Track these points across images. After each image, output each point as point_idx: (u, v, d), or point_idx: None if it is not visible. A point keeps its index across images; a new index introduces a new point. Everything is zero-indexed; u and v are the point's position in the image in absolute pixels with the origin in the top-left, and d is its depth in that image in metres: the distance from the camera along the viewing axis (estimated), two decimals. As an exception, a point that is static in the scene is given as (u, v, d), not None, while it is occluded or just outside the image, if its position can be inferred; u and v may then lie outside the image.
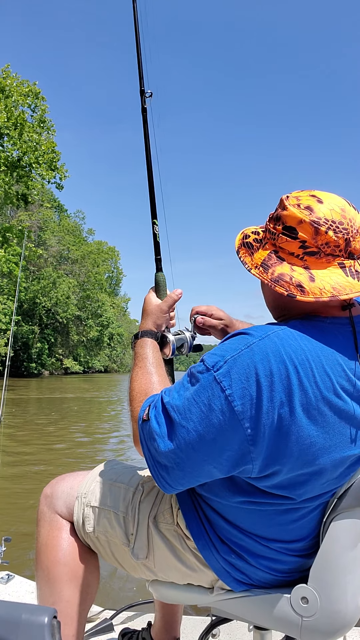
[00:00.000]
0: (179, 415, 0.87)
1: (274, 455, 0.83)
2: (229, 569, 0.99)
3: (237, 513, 0.96)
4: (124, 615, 1.95)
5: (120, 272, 70.62)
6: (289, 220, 0.92)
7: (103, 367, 65.92)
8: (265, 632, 1.13)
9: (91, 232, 64.56)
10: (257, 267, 0.95)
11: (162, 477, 0.91)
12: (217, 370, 0.84)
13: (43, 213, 47.72)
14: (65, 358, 56.26)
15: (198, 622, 1.85)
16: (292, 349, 0.84)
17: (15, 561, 2.70)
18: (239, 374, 0.83)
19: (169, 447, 0.88)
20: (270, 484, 0.88)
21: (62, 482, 1.24)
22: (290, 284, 0.90)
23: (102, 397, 22.46)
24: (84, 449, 8.46)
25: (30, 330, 48.70)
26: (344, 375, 0.86)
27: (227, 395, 0.82)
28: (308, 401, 0.82)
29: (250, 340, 0.86)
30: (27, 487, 5.57)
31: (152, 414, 0.92)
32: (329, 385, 0.84)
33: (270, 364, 0.82)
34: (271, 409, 0.81)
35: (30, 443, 8.84)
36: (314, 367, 0.83)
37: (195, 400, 0.86)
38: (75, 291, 53.77)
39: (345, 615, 0.94)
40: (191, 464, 0.87)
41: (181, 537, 1.06)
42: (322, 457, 0.85)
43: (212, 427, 0.83)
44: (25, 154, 18.58)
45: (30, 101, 18.82)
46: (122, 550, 1.14)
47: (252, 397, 0.82)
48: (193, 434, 0.85)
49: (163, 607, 1.44)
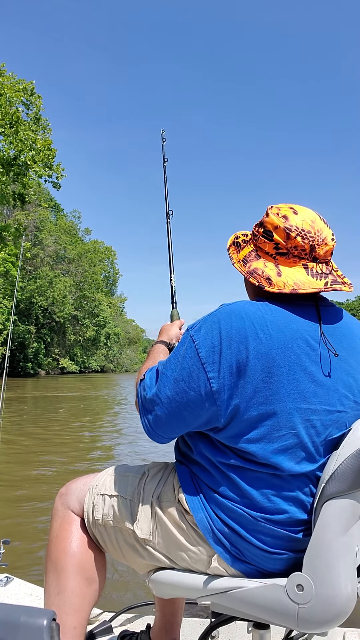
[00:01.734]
0: (163, 367, 1.10)
1: (232, 395, 1.00)
2: (223, 541, 1.06)
3: (225, 484, 1.06)
4: (123, 617, 1.95)
5: (116, 272, 70.74)
6: (268, 225, 1.13)
7: (99, 367, 65.90)
8: (264, 632, 1.14)
9: (88, 231, 64.68)
10: (239, 262, 1.17)
11: (147, 420, 1.11)
12: (192, 328, 1.08)
13: (40, 212, 47.68)
14: (62, 358, 56.21)
15: (197, 623, 1.85)
16: (252, 312, 1.03)
17: (14, 563, 2.70)
18: (207, 329, 1.04)
19: (152, 392, 1.09)
20: (235, 431, 1.01)
21: (76, 481, 1.34)
22: (261, 277, 1.10)
23: (104, 396, 22.44)
24: (86, 452, 8.43)
25: (27, 329, 48.63)
26: (302, 337, 1.02)
27: (195, 344, 1.04)
28: (262, 349, 0.99)
29: (221, 307, 1.08)
30: (26, 490, 5.57)
31: (147, 374, 1.15)
32: (284, 339, 1.00)
33: (231, 320, 1.02)
34: (229, 354, 1.00)
35: (29, 446, 8.83)
36: (269, 325, 1.01)
37: (175, 353, 1.09)
38: (71, 291, 53.76)
39: (340, 600, 0.96)
40: (167, 405, 1.06)
41: (182, 513, 1.13)
42: (275, 402, 0.99)
43: (184, 371, 1.04)
44: (21, 153, 18.51)
45: (25, 98, 18.72)
46: (127, 535, 1.20)
47: (213, 345, 1.02)
48: (169, 378, 1.07)
49: (163, 608, 1.45)
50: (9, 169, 18.80)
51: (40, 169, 18.83)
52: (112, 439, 9.76)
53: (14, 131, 18.31)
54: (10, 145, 18.54)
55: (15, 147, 18.45)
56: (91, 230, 66.03)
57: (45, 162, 18.91)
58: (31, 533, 4.03)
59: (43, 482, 5.94)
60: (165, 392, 1.06)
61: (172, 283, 1.92)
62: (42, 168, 18.85)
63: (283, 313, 1.04)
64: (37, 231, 49.61)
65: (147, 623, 1.55)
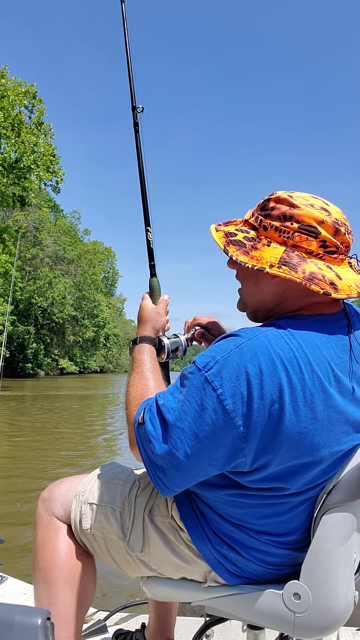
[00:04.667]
0: (173, 416, 0.89)
1: (265, 449, 0.86)
2: (221, 560, 1.01)
3: (227, 506, 0.98)
4: (118, 616, 1.95)
5: (116, 273, 70.68)
6: (306, 220, 0.94)
7: (99, 368, 65.87)
8: (259, 632, 1.14)
9: (87, 232, 64.57)
10: (278, 266, 0.93)
11: (159, 478, 0.93)
12: (208, 371, 0.87)
13: (39, 213, 47.68)
14: (61, 358, 56.17)
15: (192, 622, 1.85)
16: (280, 348, 0.86)
17: (8, 562, 2.70)
18: (229, 374, 0.85)
19: (165, 448, 0.90)
20: (260, 477, 0.90)
21: (59, 485, 1.26)
22: (324, 282, 0.91)
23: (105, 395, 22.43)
24: (80, 450, 8.43)
25: (26, 330, 48.61)
26: (331, 371, 0.89)
27: (218, 394, 0.85)
28: (297, 397, 0.84)
29: (239, 340, 0.88)
30: (20, 488, 5.55)
31: (147, 416, 0.94)
32: (316, 382, 0.86)
33: (259, 362, 0.84)
34: (262, 406, 0.83)
35: (24, 444, 8.80)
36: (302, 365, 0.86)
37: (188, 400, 0.88)
38: (71, 291, 53.72)
39: (337, 610, 0.95)
40: (186, 463, 0.89)
41: (175, 529, 1.08)
42: (311, 452, 0.87)
43: (206, 425, 0.86)
44: (23, 156, 18.53)
45: (27, 101, 18.78)
46: (118, 546, 1.15)
47: (242, 395, 0.84)
48: (187, 433, 0.87)
49: (157, 607, 1.45)
50: (10, 171, 18.82)
51: (42, 172, 18.85)
52: (112, 437, 9.75)
53: (16, 134, 18.34)
54: (12, 148, 18.57)
55: (17, 149, 18.48)
56: (90, 231, 66.01)
57: (48, 167, 18.95)
58: (25, 531, 4.02)
59: (37, 479, 5.90)
60: (184, 450, 0.88)
61: (149, 236, 1.44)
62: (43, 171, 18.87)
63: (310, 340, 0.89)
64: (36, 232, 49.60)
65: (142, 622, 1.55)
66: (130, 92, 1.57)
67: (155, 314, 1.28)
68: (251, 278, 1.02)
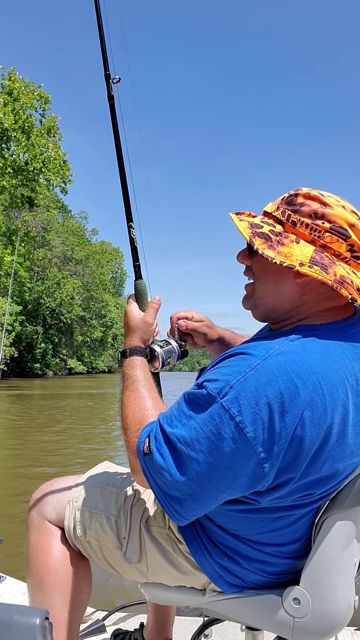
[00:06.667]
0: (186, 447, 0.83)
1: (286, 470, 0.82)
2: (221, 573, 0.99)
3: (229, 519, 0.96)
4: (116, 616, 1.95)
5: (124, 273, 70.45)
6: (338, 221, 0.90)
7: (107, 368, 65.83)
8: (257, 633, 1.14)
9: (95, 232, 64.59)
10: (309, 266, 0.87)
11: (174, 509, 0.88)
12: (223, 397, 0.80)
13: (47, 214, 47.82)
14: (69, 358, 56.23)
15: (190, 622, 1.85)
16: (297, 365, 0.81)
17: (7, 562, 2.72)
18: (247, 399, 0.79)
19: (180, 480, 0.84)
20: (276, 496, 0.86)
21: (51, 487, 1.24)
22: (352, 287, 0.87)
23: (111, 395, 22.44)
24: (79, 449, 8.38)
25: (34, 330, 48.75)
26: (348, 383, 0.85)
27: (237, 422, 0.79)
28: (318, 416, 0.80)
29: (254, 361, 0.82)
30: (19, 487, 5.54)
31: (153, 446, 0.88)
32: (336, 397, 0.82)
33: (278, 384, 0.79)
34: (284, 429, 0.79)
35: (24, 443, 8.79)
36: (322, 381, 0.81)
37: (202, 429, 0.82)
38: (79, 292, 53.77)
39: (337, 615, 0.95)
40: (204, 494, 0.84)
41: (173, 541, 1.07)
42: (326, 467, 0.85)
43: (224, 455, 0.80)
44: (33, 161, 18.60)
45: (39, 106, 18.87)
46: (114, 554, 1.14)
47: (264, 421, 0.78)
48: (204, 465, 0.82)
49: (155, 608, 1.45)
50: (19, 173, 18.92)
51: (52, 176, 18.91)
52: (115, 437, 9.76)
53: (26, 137, 18.43)
54: (23, 149, 18.65)
55: (27, 151, 18.55)
56: (98, 231, 65.97)
57: (58, 171, 19.01)
58: (24, 532, 4.02)
59: (36, 479, 5.89)
60: (200, 483, 0.83)
61: (132, 233, 1.26)
62: (52, 175, 18.93)
63: (326, 353, 0.85)
64: (44, 232, 49.75)
65: (140, 622, 1.55)
66: (102, 58, 1.30)
67: (143, 323, 1.18)
68: (271, 275, 0.95)
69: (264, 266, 0.97)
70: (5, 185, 18.85)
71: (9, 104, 18.00)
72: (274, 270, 0.95)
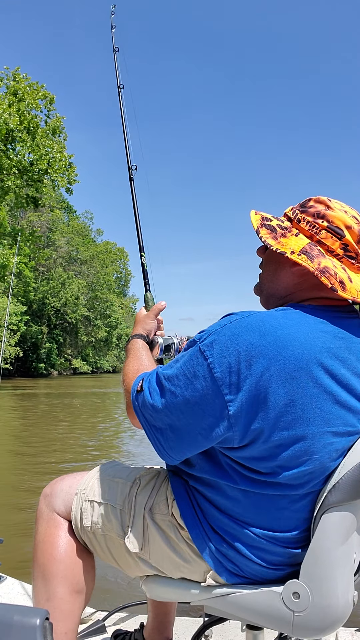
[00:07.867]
0: (168, 382, 0.97)
1: (252, 420, 0.90)
2: (221, 559, 1.02)
3: (227, 501, 1.00)
4: (117, 616, 1.95)
5: (128, 273, 70.62)
6: (336, 221, 1.02)
7: (111, 368, 65.96)
8: (258, 632, 1.14)
9: (100, 232, 64.76)
10: (298, 254, 1.00)
11: (158, 441, 1.00)
12: (202, 342, 0.94)
13: (52, 214, 47.98)
14: (74, 358, 56.43)
15: (191, 623, 1.85)
16: (271, 325, 0.92)
17: (8, 562, 2.73)
18: (220, 344, 0.91)
19: (160, 409, 0.97)
20: (250, 454, 0.93)
21: (61, 481, 1.30)
22: (334, 278, 0.97)
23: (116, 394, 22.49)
24: (84, 450, 8.41)
25: (39, 330, 48.95)
26: (326, 356, 0.92)
27: (209, 363, 0.91)
28: (284, 369, 0.89)
29: (234, 317, 0.95)
30: (21, 488, 5.56)
31: (145, 385, 1.03)
32: (307, 358, 0.90)
33: (250, 336, 0.90)
34: (249, 376, 0.89)
35: (27, 445, 8.82)
36: (293, 342, 0.90)
37: (182, 369, 0.96)
38: (84, 292, 53.94)
39: (337, 609, 0.95)
40: (181, 426, 0.96)
41: (176, 527, 1.10)
42: (298, 426, 0.91)
43: (196, 392, 0.93)
44: (38, 162, 18.64)
45: (43, 106, 18.93)
46: (118, 545, 1.17)
47: (230, 365, 0.90)
48: (180, 398, 0.95)
49: (156, 607, 1.45)
50: (24, 173, 18.98)
51: (57, 177, 18.96)
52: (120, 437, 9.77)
53: (31, 137, 18.48)
54: (28, 149, 18.70)
55: (32, 152, 18.60)
56: (103, 231, 66.19)
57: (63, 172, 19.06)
58: (25, 531, 4.02)
59: (38, 479, 5.93)
60: (176, 414, 0.95)
61: (143, 260, 1.69)
62: (58, 175, 18.98)
63: (309, 325, 0.94)
64: (49, 232, 49.94)
65: (141, 622, 1.55)
66: (125, 153, 1.85)
67: (145, 317, 1.43)
68: (272, 264, 1.09)
69: (269, 257, 1.11)
70: (11, 186, 18.92)
71: (14, 105, 18.07)
72: (275, 260, 1.08)
